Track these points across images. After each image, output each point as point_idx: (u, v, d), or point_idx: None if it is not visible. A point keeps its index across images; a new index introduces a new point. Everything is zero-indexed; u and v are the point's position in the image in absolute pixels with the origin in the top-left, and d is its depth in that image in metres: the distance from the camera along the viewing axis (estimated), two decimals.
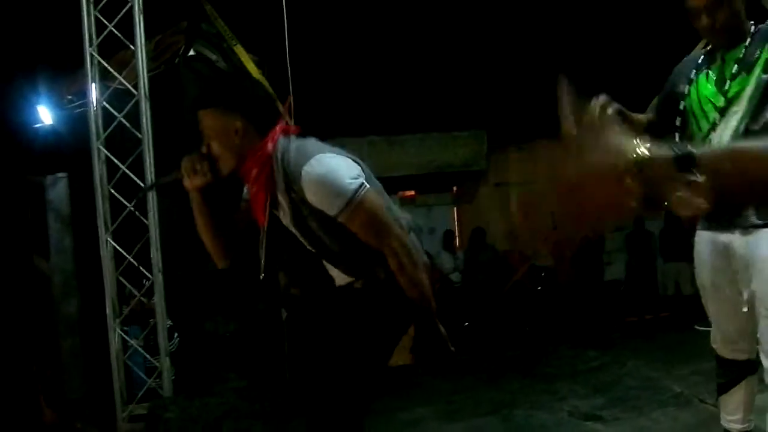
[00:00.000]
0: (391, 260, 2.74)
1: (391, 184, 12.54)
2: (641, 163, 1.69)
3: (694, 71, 3.17)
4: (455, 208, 12.76)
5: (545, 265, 11.11)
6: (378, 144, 11.10)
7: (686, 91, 3.18)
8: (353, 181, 2.72)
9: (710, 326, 3.37)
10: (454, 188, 12.57)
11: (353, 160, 2.83)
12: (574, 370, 5.91)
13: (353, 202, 2.69)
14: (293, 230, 2.82)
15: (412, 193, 12.34)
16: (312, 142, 2.84)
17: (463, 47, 10.85)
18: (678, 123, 3.21)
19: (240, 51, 6.15)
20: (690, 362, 5.70)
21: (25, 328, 9.62)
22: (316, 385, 2.87)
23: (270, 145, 2.79)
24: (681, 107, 3.19)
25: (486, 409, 5.06)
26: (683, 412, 4.74)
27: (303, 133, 2.90)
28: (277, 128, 2.83)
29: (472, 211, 12.37)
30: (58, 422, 7.10)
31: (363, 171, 2.82)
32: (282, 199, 2.79)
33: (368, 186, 2.75)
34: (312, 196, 2.70)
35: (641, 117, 3.42)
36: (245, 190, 2.98)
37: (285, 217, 2.83)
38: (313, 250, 2.82)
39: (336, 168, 2.73)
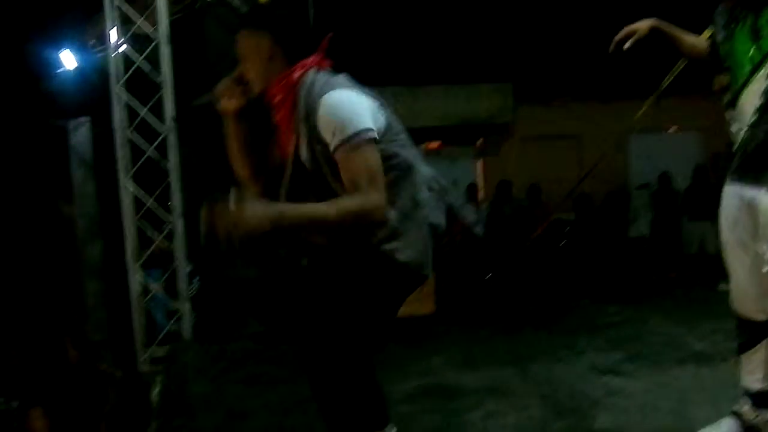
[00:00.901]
0: (349, 203, 2.61)
1: (415, 136, 12.47)
2: None
3: (731, 21, 3.07)
4: (480, 161, 12.67)
5: (569, 219, 11.05)
6: (402, 95, 10.99)
7: (723, 41, 3.10)
8: (363, 123, 2.66)
9: None
10: (479, 141, 12.46)
11: (379, 109, 2.77)
12: (594, 324, 5.87)
13: (352, 141, 2.62)
14: (310, 164, 2.77)
15: (437, 144, 12.25)
16: (342, 79, 2.79)
17: (492, 1, 10.69)
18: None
19: None
20: (712, 320, 5.64)
21: (50, 270, 9.74)
22: (319, 333, 2.83)
23: (297, 74, 2.77)
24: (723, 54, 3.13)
25: (503, 361, 5.04)
26: (703, 369, 4.69)
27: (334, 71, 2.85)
28: (310, 59, 2.80)
29: (497, 164, 12.29)
30: (83, 363, 7.19)
31: (388, 124, 2.77)
32: (301, 130, 2.76)
33: (374, 138, 2.66)
34: (321, 124, 2.67)
35: (697, 43, 3.33)
36: None
37: (302, 150, 2.79)
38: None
39: (354, 104, 2.68)
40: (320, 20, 6.31)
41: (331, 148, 2.66)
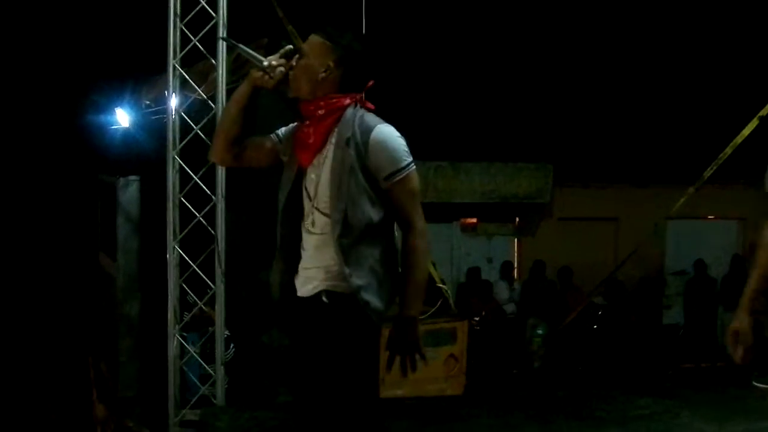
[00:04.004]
0: (412, 238, 2.91)
1: (453, 211, 12.57)
2: None
3: None
4: (516, 240, 12.69)
5: (602, 304, 10.99)
6: (444, 169, 11.11)
7: None
8: (409, 156, 2.94)
9: None
10: (517, 219, 12.51)
11: None
12: (624, 416, 5.82)
13: (406, 170, 2.91)
14: (325, 188, 2.93)
15: (474, 220, 12.31)
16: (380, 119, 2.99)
17: (537, 82, 10.84)
18: None
19: None
20: (745, 420, 5.58)
21: (84, 322, 9.88)
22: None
23: (349, 101, 2.94)
24: None
25: None
26: None
27: None
28: (358, 96, 2.97)
29: (533, 243, 12.29)
30: (110, 418, 7.26)
31: None
32: (332, 151, 2.92)
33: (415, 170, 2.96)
34: (373, 155, 2.88)
35: None
36: (284, 129, 3.10)
37: (320, 169, 2.94)
38: (331, 217, 2.90)
39: (399, 139, 2.93)
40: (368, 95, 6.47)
41: (382, 176, 2.89)
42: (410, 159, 2.93)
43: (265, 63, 2.92)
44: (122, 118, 9.34)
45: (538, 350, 9.87)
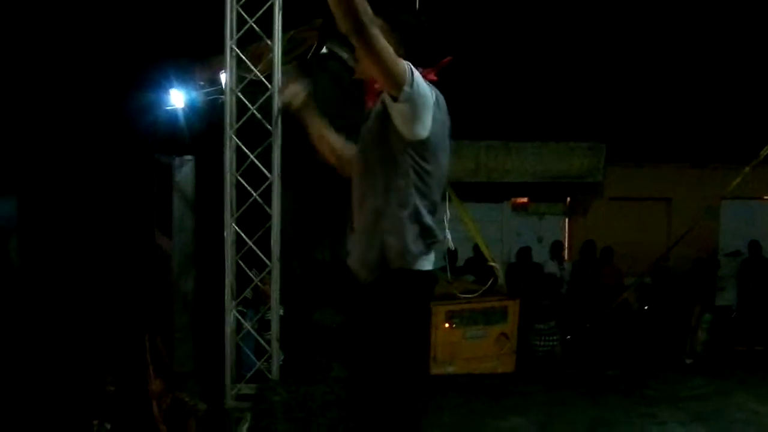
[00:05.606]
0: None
1: (505, 190, 12.50)
2: None
3: None
4: (567, 219, 12.63)
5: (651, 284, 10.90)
6: (495, 149, 11.10)
7: None
8: (425, 93, 2.78)
9: None
10: (568, 199, 12.45)
11: (439, 136, 2.90)
12: (676, 395, 5.81)
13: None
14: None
15: (525, 200, 12.28)
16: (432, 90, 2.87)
17: (591, 60, 10.75)
18: None
19: None
20: None
21: (141, 299, 10.09)
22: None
23: None
24: None
25: (584, 426, 5.04)
26: None
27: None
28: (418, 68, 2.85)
29: (584, 223, 12.24)
30: (165, 393, 7.42)
31: (435, 143, 2.88)
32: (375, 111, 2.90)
33: (410, 83, 2.71)
34: (385, 104, 2.79)
35: None
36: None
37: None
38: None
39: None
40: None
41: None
42: (418, 90, 2.74)
43: (345, 55, 2.99)
44: (177, 98, 9.48)
45: (702, 336, 9.69)
